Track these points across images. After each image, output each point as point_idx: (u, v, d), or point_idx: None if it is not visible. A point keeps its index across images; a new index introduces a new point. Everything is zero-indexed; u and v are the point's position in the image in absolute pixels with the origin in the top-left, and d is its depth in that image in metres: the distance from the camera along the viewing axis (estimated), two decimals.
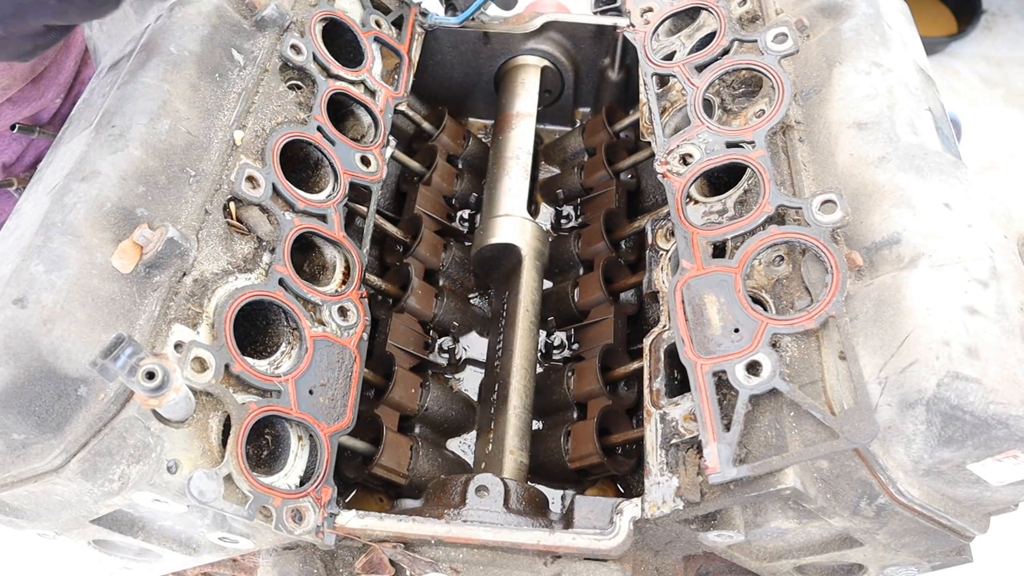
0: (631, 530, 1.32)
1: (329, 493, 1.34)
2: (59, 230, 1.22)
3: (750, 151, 1.45)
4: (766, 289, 1.33)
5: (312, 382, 1.40)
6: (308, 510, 1.30)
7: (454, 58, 2.16)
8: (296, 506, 1.29)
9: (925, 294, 1.14)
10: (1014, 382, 1.05)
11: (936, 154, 1.30)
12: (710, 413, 1.23)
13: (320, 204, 1.56)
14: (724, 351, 1.26)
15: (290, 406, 1.34)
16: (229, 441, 1.23)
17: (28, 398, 1.13)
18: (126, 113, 1.38)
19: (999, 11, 4.92)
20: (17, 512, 1.26)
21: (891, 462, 1.14)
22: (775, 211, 1.35)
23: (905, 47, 1.51)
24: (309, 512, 1.30)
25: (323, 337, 1.44)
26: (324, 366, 1.43)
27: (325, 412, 1.40)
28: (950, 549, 1.31)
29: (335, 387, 1.43)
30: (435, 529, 1.36)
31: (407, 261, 1.86)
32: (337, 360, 1.45)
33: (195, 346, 1.23)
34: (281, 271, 1.42)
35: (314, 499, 1.32)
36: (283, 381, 1.35)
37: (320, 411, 1.39)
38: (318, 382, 1.40)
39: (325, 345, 1.44)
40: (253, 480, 1.24)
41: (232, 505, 1.20)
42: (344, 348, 1.47)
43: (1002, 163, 4.22)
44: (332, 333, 1.46)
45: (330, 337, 1.45)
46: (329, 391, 1.42)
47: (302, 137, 1.58)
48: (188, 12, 1.54)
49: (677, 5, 1.82)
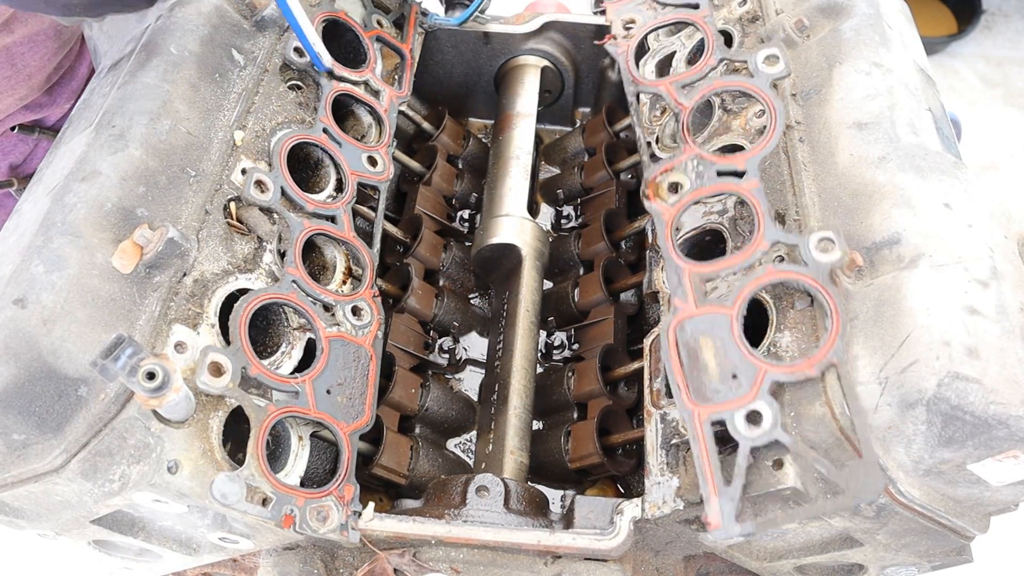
0: (631, 530, 1.32)
1: (352, 491, 1.35)
2: (59, 230, 1.22)
3: (742, 182, 1.37)
4: (766, 289, 1.33)
5: (329, 382, 1.40)
6: (332, 509, 1.31)
7: (454, 58, 2.16)
8: (320, 505, 1.29)
9: (925, 294, 1.14)
10: (1014, 382, 1.06)
11: (936, 154, 1.30)
12: (709, 465, 1.16)
13: (329, 205, 1.56)
14: (723, 398, 1.19)
15: (308, 407, 1.35)
16: (249, 444, 1.24)
17: (28, 398, 1.13)
18: (126, 113, 1.38)
19: (999, 11, 4.92)
20: (17, 512, 1.26)
21: (891, 462, 1.14)
22: (770, 247, 1.29)
23: (905, 47, 1.51)
24: (333, 511, 1.31)
25: (338, 337, 1.44)
26: (340, 365, 1.43)
27: (344, 411, 1.40)
28: (950, 549, 1.31)
29: (352, 386, 1.44)
30: (435, 529, 1.36)
31: (407, 261, 1.86)
32: (353, 359, 1.46)
33: (211, 351, 1.23)
34: (293, 273, 1.42)
35: (337, 498, 1.32)
36: (300, 382, 1.35)
37: (339, 410, 1.39)
38: (335, 381, 1.41)
39: (340, 345, 1.44)
40: (276, 481, 1.24)
41: (255, 507, 1.20)
42: (359, 347, 1.47)
43: (1002, 163, 4.22)
44: (347, 333, 1.47)
45: (345, 337, 1.46)
46: (347, 390, 1.42)
47: (309, 140, 1.58)
48: (188, 12, 1.54)
49: (661, 19, 1.79)
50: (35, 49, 1.91)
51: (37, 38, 1.91)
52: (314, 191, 1.59)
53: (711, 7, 1.74)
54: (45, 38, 1.93)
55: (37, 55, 1.93)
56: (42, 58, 1.95)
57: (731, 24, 1.71)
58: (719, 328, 1.24)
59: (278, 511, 1.23)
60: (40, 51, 1.93)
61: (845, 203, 1.31)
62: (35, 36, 1.90)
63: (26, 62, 1.91)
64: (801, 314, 1.26)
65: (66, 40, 2.00)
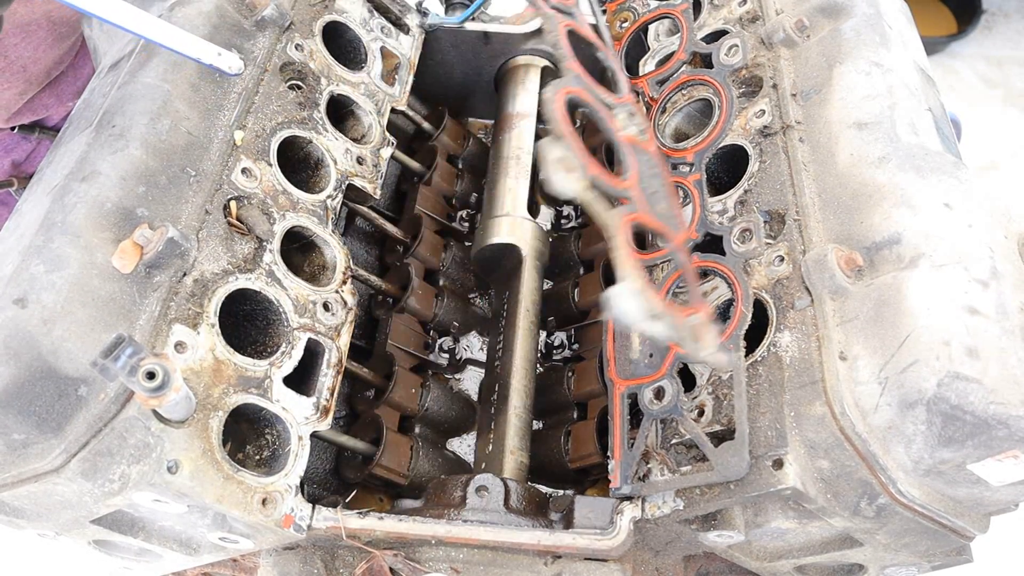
0: (631, 530, 1.32)
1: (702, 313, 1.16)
2: (59, 230, 1.22)
3: (687, 173, 1.50)
4: (766, 289, 1.33)
5: (647, 184, 1.32)
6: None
7: (454, 58, 2.16)
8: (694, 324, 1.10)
9: (925, 294, 1.14)
10: (1014, 382, 1.05)
11: (936, 154, 1.30)
12: (619, 432, 1.36)
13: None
14: (639, 375, 1.36)
15: (641, 211, 1.24)
16: (624, 264, 1.05)
17: (28, 398, 1.13)
18: (126, 113, 1.38)
19: (999, 11, 4.92)
20: (17, 512, 1.26)
21: (891, 462, 1.14)
22: (702, 239, 1.42)
23: (905, 47, 1.51)
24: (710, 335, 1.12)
25: (628, 141, 1.35)
26: (647, 172, 1.34)
27: (666, 220, 1.33)
28: (950, 549, 1.31)
29: (662, 195, 1.35)
30: (435, 529, 1.36)
31: (407, 261, 1.86)
32: (649, 167, 1.37)
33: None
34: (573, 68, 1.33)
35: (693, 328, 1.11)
36: (627, 186, 1.26)
37: (663, 213, 1.32)
38: (650, 190, 1.34)
39: (637, 151, 1.36)
40: (671, 305, 1.17)
41: (662, 327, 1.01)
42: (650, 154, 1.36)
43: (1002, 163, 4.22)
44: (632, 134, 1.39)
45: (634, 140, 1.39)
46: (661, 200, 1.34)
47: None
48: (188, 12, 1.54)
49: (643, 19, 1.84)
50: (27, 40, 1.90)
51: (29, 28, 1.90)
52: (314, 191, 1.59)
53: (711, 5, 1.75)
54: (37, 28, 1.91)
55: (30, 46, 1.91)
56: (36, 49, 1.93)
57: (731, 24, 1.71)
58: None
59: None
60: (33, 42, 1.91)
61: (845, 203, 1.31)
62: (27, 26, 1.89)
63: (19, 53, 1.90)
64: (801, 314, 1.26)
65: (62, 33, 1.98)
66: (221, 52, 1.46)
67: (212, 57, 1.45)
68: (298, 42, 1.67)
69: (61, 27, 1.97)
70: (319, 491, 1.66)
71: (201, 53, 1.44)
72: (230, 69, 1.49)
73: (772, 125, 1.49)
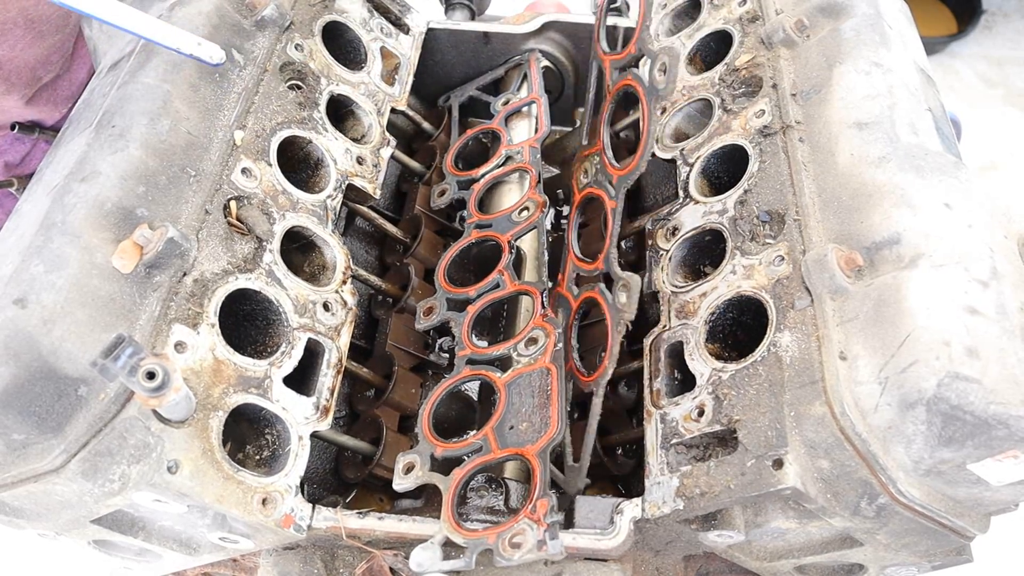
0: (631, 530, 1.32)
1: (547, 504, 1.25)
2: (59, 230, 1.22)
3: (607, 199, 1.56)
4: (766, 289, 1.33)
5: (510, 421, 1.38)
6: (526, 531, 1.22)
7: (454, 58, 2.16)
8: (513, 533, 1.22)
9: (925, 294, 1.14)
10: (1014, 382, 1.05)
11: (936, 154, 1.30)
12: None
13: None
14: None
15: (491, 453, 1.34)
16: (443, 509, 1.27)
17: (28, 398, 1.13)
18: (126, 113, 1.38)
19: (999, 11, 4.93)
20: (17, 512, 1.26)
21: (891, 462, 1.14)
22: (605, 273, 1.51)
23: (905, 47, 1.51)
24: (527, 533, 1.22)
25: (514, 376, 1.42)
26: (518, 401, 1.40)
27: (527, 437, 1.35)
28: (950, 549, 1.31)
29: (532, 413, 1.38)
30: (435, 529, 1.36)
31: (407, 261, 1.86)
32: (527, 385, 1.42)
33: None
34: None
35: (530, 519, 1.23)
36: (481, 437, 1.36)
37: (522, 438, 1.35)
38: (515, 419, 1.38)
39: (517, 382, 1.42)
40: (467, 531, 1.24)
41: (454, 562, 1.21)
42: (532, 372, 1.42)
43: (1002, 163, 4.22)
44: (523, 366, 1.44)
45: (521, 371, 1.43)
46: (525, 420, 1.38)
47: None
48: (188, 12, 1.54)
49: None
50: (3, 38, 1.89)
51: (4, 27, 1.89)
52: (314, 191, 1.59)
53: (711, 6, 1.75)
54: (13, 26, 1.90)
55: (6, 44, 1.89)
56: (12, 48, 1.91)
57: (731, 24, 1.71)
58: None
59: (472, 556, 1.22)
60: (9, 40, 1.90)
61: (845, 203, 1.31)
62: (1, 25, 1.88)
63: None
64: (801, 314, 1.26)
65: (42, 31, 1.96)
66: (201, 42, 1.45)
67: (192, 47, 1.43)
68: (298, 42, 1.68)
69: (40, 25, 1.94)
70: (319, 491, 1.66)
71: (181, 43, 1.42)
72: (211, 59, 1.46)
73: (772, 125, 1.49)
